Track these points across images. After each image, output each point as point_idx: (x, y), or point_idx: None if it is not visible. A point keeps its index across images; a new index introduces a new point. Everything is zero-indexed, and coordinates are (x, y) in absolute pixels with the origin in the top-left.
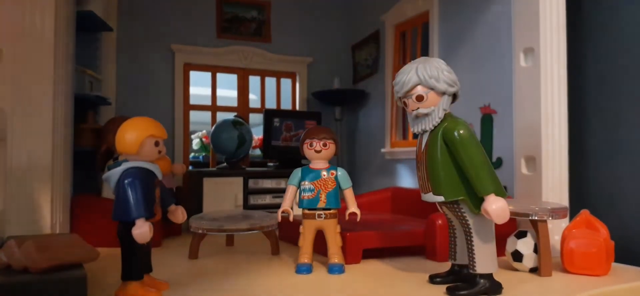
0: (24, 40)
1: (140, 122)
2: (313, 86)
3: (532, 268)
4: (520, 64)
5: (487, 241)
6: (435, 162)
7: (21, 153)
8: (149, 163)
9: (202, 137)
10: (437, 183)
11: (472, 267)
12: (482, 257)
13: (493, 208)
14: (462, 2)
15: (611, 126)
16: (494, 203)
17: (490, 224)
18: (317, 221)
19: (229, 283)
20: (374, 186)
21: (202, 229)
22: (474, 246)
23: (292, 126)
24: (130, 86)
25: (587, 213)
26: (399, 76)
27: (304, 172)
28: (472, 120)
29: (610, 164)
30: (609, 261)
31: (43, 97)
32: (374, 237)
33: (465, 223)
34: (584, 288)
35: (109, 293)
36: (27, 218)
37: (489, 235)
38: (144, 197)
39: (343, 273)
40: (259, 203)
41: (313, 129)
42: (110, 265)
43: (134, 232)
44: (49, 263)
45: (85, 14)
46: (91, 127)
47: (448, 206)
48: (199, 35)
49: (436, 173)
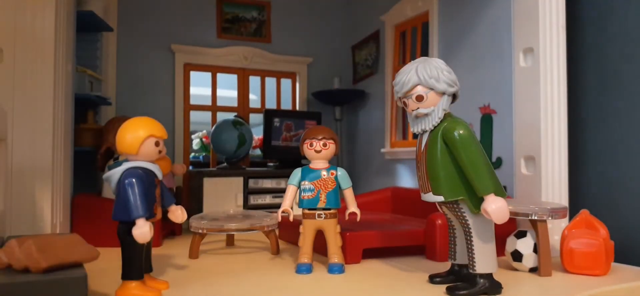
0: (24, 40)
1: (141, 123)
2: (313, 86)
3: (532, 267)
4: (519, 64)
5: (486, 241)
6: (435, 162)
7: (21, 152)
8: (149, 162)
9: (202, 137)
10: (436, 183)
11: (472, 267)
12: (481, 257)
13: (493, 208)
14: (462, 2)
15: (611, 126)
16: (493, 202)
17: (490, 224)
18: (317, 221)
19: (229, 283)
20: (374, 186)
21: (203, 229)
22: (473, 246)
23: (292, 126)
24: (130, 86)
25: (587, 213)
26: (398, 76)
27: (304, 172)
28: (471, 120)
29: (610, 164)
30: (608, 261)
31: (43, 97)
32: (374, 237)
33: (465, 223)
34: (584, 288)
35: (109, 292)
36: (27, 217)
37: (488, 235)
38: (144, 197)
39: (343, 273)
40: (259, 202)
41: (313, 129)
42: (110, 265)
43: (134, 232)
44: (49, 263)
45: (86, 14)
46: (91, 128)
47: (448, 206)
48: (199, 35)
49: (436, 172)
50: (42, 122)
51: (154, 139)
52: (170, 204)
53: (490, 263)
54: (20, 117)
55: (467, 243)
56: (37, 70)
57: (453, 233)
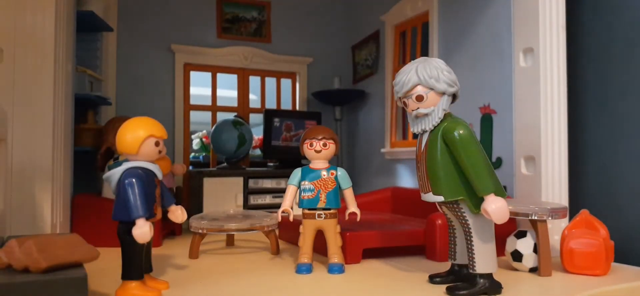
0: (24, 40)
1: (141, 123)
2: (313, 86)
3: (532, 267)
4: (519, 64)
5: (486, 241)
6: (435, 162)
7: (21, 152)
8: (149, 162)
9: (202, 138)
10: (436, 183)
11: (472, 267)
12: (481, 257)
13: (493, 208)
14: (462, 2)
15: (611, 126)
16: (493, 202)
17: (490, 224)
18: (317, 221)
19: (229, 283)
20: (374, 186)
21: (203, 229)
22: (473, 246)
23: (292, 126)
24: (130, 86)
25: (587, 213)
26: (398, 76)
27: (304, 172)
28: (471, 120)
29: (610, 164)
30: (608, 261)
31: (43, 97)
32: (374, 237)
33: (465, 223)
34: (584, 288)
35: (110, 292)
36: (27, 217)
37: (488, 235)
38: (144, 197)
39: (343, 273)
40: (259, 202)
41: (313, 129)
42: (110, 265)
43: (135, 232)
44: (49, 263)
45: (86, 14)
46: (91, 128)
47: (448, 206)
48: (199, 35)
49: (436, 173)
50: (42, 122)
51: (154, 139)
52: (170, 204)
53: (490, 263)
54: (20, 117)
55: (467, 243)
56: (37, 70)
57: (453, 233)
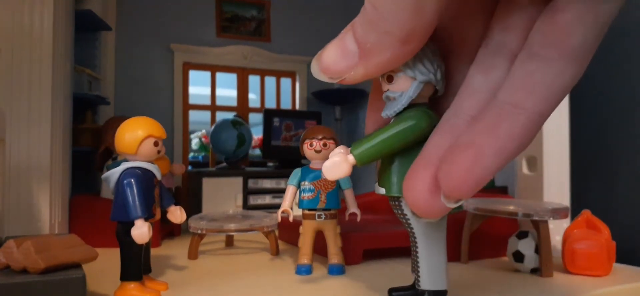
0: (22, 40)
1: (139, 122)
2: (313, 86)
3: (534, 268)
4: None
5: (434, 252)
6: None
7: (19, 152)
8: (148, 163)
9: (201, 137)
10: (381, 173)
11: (417, 282)
12: (427, 270)
13: (326, 164)
14: None
15: (613, 126)
16: (335, 155)
17: (439, 231)
18: (317, 221)
19: (229, 284)
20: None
21: (202, 230)
22: (418, 256)
23: (292, 125)
24: (129, 85)
25: (589, 213)
26: None
27: (304, 172)
28: None
29: (612, 164)
30: (610, 261)
31: (41, 96)
32: (374, 238)
33: (408, 226)
34: (585, 289)
35: (108, 293)
36: (25, 218)
37: (437, 244)
38: (143, 197)
39: (343, 274)
40: (259, 203)
41: (313, 128)
42: (109, 265)
43: (133, 232)
44: (47, 264)
45: (84, 13)
46: (90, 127)
47: (392, 204)
48: (199, 34)
49: (384, 162)
50: (40, 122)
51: (152, 139)
52: (169, 205)
53: (438, 278)
54: (18, 116)
55: (412, 252)
56: (35, 69)
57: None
